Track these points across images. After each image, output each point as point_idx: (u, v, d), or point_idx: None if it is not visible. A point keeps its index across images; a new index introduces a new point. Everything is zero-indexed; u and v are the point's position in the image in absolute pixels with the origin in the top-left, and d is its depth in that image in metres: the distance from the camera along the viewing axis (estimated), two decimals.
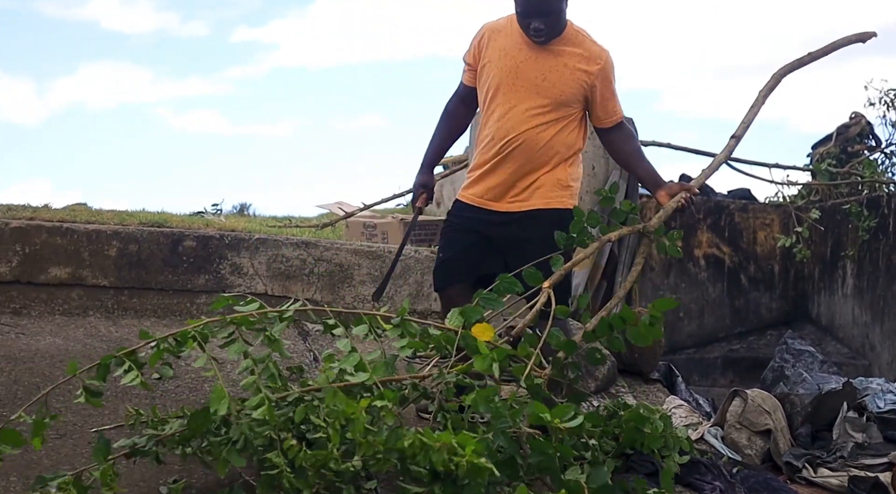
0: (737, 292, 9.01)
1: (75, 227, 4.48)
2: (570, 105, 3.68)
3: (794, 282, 9.23)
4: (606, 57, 3.70)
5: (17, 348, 3.89)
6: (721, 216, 9.01)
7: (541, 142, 3.64)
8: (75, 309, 4.39)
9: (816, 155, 9.06)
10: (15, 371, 3.68)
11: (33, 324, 4.18)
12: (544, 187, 3.68)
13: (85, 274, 4.45)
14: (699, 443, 4.20)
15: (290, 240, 4.98)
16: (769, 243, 9.06)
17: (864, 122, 9.09)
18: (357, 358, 2.87)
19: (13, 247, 4.31)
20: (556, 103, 3.65)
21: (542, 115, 3.64)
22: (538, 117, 3.64)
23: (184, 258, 4.65)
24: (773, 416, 4.34)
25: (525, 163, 3.66)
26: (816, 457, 4.22)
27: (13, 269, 4.31)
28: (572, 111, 3.70)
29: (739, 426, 4.34)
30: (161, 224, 4.93)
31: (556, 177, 3.68)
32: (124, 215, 5.20)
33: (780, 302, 9.17)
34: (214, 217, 6.84)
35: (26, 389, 3.55)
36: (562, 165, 3.72)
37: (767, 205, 9.23)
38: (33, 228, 4.38)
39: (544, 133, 3.64)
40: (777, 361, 5.74)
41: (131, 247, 4.55)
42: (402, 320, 3.01)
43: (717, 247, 8.97)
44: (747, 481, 3.77)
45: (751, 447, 4.28)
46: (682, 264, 8.82)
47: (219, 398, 2.65)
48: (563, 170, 3.71)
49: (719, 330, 8.92)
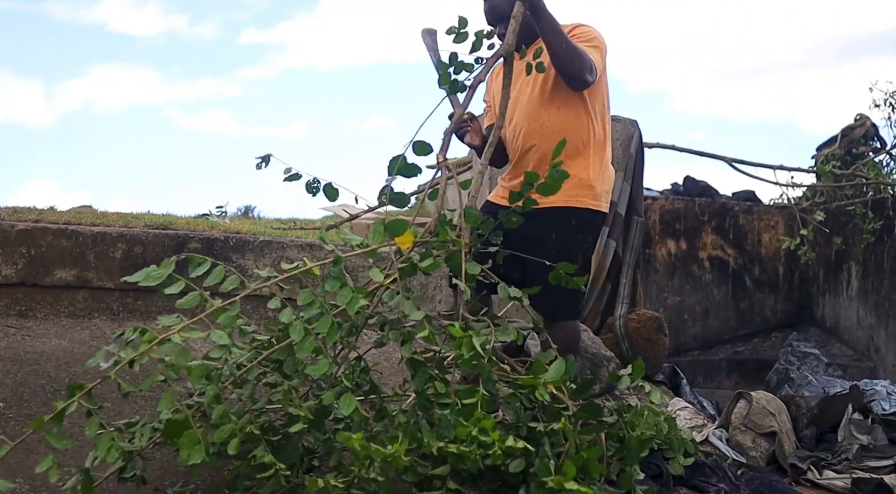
0: (741, 294, 9.02)
1: (81, 229, 4.49)
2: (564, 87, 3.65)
3: (798, 284, 9.23)
4: (572, 26, 3.66)
5: (23, 350, 3.90)
6: (726, 218, 9.01)
7: (547, 130, 3.62)
8: (81, 312, 4.40)
9: (821, 156, 9.06)
10: (21, 373, 3.69)
11: (39, 326, 4.19)
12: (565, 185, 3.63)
13: (90, 276, 4.45)
14: (704, 445, 4.20)
15: (294, 243, 4.98)
16: (774, 245, 9.07)
17: (870, 124, 9.09)
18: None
19: (19, 249, 4.32)
20: (552, 89, 3.63)
21: (542, 107, 3.64)
22: (539, 109, 3.64)
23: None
24: (778, 418, 4.34)
25: (539, 155, 3.65)
26: (821, 459, 4.21)
27: (19, 271, 4.31)
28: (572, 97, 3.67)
29: (744, 428, 4.34)
30: (166, 226, 4.93)
31: (577, 175, 3.63)
32: (129, 217, 5.20)
33: (784, 304, 9.18)
34: (219, 219, 6.84)
35: (32, 391, 3.55)
36: (581, 159, 3.68)
37: (772, 206, 9.24)
38: (39, 230, 4.39)
39: (549, 122, 3.62)
40: (782, 363, 5.75)
41: (136, 249, 4.55)
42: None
43: (721, 249, 8.97)
44: (752, 483, 3.76)
45: (756, 449, 4.28)
46: (687, 266, 8.83)
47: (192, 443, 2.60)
48: (583, 168, 3.67)
49: (724, 332, 8.92)
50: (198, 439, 2.55)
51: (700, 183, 9.41)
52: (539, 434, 2.90)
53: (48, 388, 3.60)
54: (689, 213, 8.89)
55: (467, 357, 2.75)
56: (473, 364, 2.76)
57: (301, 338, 2.69)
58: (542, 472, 2.69)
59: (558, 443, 2.92)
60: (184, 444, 2.55)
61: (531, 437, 2.90)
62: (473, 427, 2.61)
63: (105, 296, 4.49)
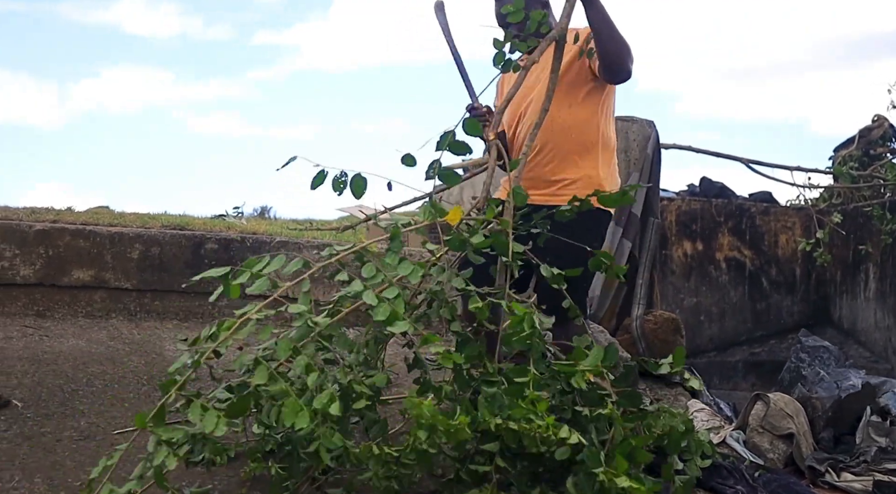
0: (758, 295, 8.98)
1: (98, 230, 4.51)
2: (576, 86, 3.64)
3: (815, 286, 9.19)
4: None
5: (41, 350, 3.91)
6: (742, 219, 8.98)
7: (557, 128, 3.60)
8: (98, 312, 4.42)
9: (838, 157, 9.02)
10: (39, 372, 3.70)
11: (57, 326, 4.20)
12: (574, 185, 3.61)
13: (108, 276, 4.47)
14: (721, 447, 4.17)
15: (311, 243, 4.99)
16: (791, 246, 9.03)
17: (887, 125, 9.04)
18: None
19: (37, 249, 4.34)
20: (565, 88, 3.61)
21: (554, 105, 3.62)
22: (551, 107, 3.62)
23: (206, 260, 4.66)
24: (796, 420, 4.32)
25: (551, 153, 3.63)
26: (840, 461, 4.19)
27: (37, 272, 4.33)
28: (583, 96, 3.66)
29: (762, 430, 4.32)
30: (183, 227, 4.95)
31: (588, 175, 3.61)
32: (146, 218, 5.22)
33: (801, 305, 9.14)
34: (236, 220, 6.86)
35: (50, 390, 3.57)
36: (591, 157, 3.66)
37: (789, 208, 9.20)
38: (57, 231, 4.41)
39: (560, 120, 3.60)
40: (793, 361, 5.72)
41: (153, 249, 4.57)
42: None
43: (738, 250, 8.94)
44: (770, 485, 3.74)
45: (773, 451, 4.26)
46: (704, 267, 8.80)
47: (294, 411, 2.61)
48: (593, 167, 3.65)
49: (740, 334, 8.89)
50: (300, 405, 2.56)
51: (716, 184, 9.38)
52: (585, 419, 2.89)
53: (66, 388, 3.61)
54: (705, 214, 8.86)
55: (526, 333, 2.75)
56: (527, 343, 2.77)
57: (377, 303, 2.71)
58: (593, 462, 2.69)
59: (603, 429, 2.92)
60: (287, 413, 2.56)
61: (575, 421, 2.90)
62: (528, 408, 2.63)
63: (122, 297, 4.51)
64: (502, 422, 2.63)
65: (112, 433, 3.32)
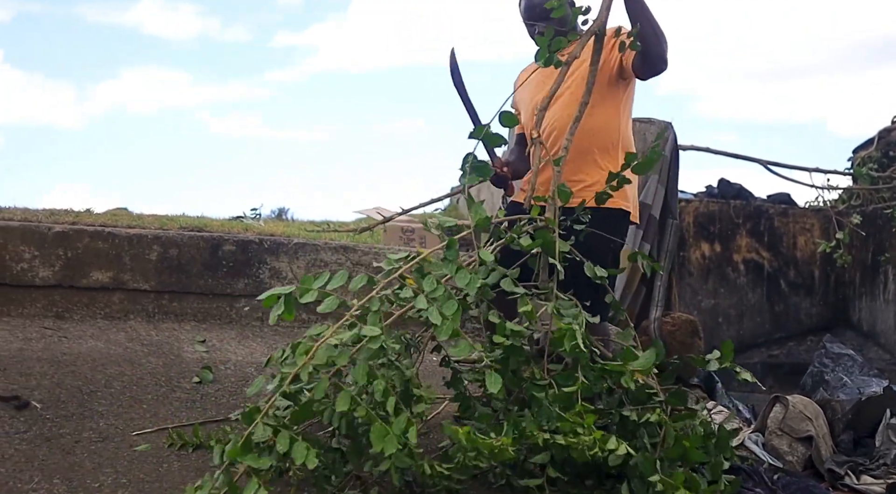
0: (776, 297, 8.95)
1: (117, 232, 4.52)
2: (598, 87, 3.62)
3: (834, 287, 9.14)
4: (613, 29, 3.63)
5: (60, 351, 3.93)
6: (760, 220, 8.95)
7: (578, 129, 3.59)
8: (116, 313, 4.43)
9: (858, 158, 8.98)
10: (58, 374, 3.72)
11: (75, 328, 4.22)
12: (593, 188, 3.59)
13: (126, 278, 4.48)
14: (739, 450, 4.15)
15: (328, 245, 4.99)
16: (809, 248, 8.99)
17: None
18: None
19: (56, 251, 4.36)
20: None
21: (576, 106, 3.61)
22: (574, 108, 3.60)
23: (223, 262, 4.68)
24: (815, 423, 4.30)
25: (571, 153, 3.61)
26: (859, 464, 4.17)
27: (56, 273, 4.35)
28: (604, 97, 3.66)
29: (780, 432, 4.30)
30: (201, 228, 4.96)
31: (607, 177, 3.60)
32: (165, 219, 5.24)
33: (820, 307, 9.09)
34: (254, 221, 6.86)
35: (69, 392, 3.58)
36: (611, 158, 3.66)
37: (808, 209, 9.16)
38: (75, 233, 4.43)
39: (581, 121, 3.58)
40: (816, 366, 5.68)
41: (172, 251, 4.58)
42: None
43: (756, 252, 8.91)
44: (789, 488, 3.73)
45: (792, 453, 4.24)
46: (722, 269, 8.77)
47: (381, 435, 2.59)
48: (613, 168, 3.63)
49: (759, 336, 8.85)
50: (385, 430, 2.57)
51: (734, 185, 9.35)
52: (633, 425, 2.89)
53: (84, 390, 3.62)
54: (723, 216, 8.83)
55: (575, 341, 2.76)
56: (576, 351, 2.77)
57: (440, 322, 2.70)
58: (647, 469, 2.69)
59: (653, 432, 2.91)
60: (374, 438, 2.57)
61: (623, 425, 2.90)
62: (575, 420, 2.63)
63: (140, 298, 4.52)
64: (549, 437, 2.63)
65: (131, 434, 3.33)
